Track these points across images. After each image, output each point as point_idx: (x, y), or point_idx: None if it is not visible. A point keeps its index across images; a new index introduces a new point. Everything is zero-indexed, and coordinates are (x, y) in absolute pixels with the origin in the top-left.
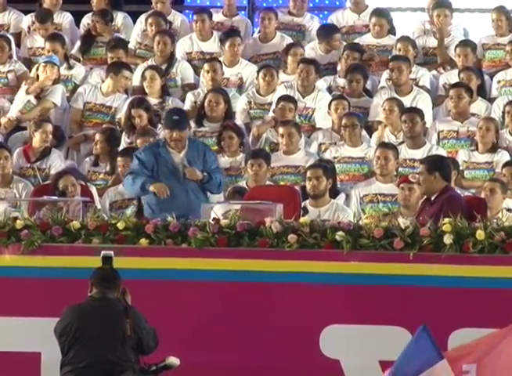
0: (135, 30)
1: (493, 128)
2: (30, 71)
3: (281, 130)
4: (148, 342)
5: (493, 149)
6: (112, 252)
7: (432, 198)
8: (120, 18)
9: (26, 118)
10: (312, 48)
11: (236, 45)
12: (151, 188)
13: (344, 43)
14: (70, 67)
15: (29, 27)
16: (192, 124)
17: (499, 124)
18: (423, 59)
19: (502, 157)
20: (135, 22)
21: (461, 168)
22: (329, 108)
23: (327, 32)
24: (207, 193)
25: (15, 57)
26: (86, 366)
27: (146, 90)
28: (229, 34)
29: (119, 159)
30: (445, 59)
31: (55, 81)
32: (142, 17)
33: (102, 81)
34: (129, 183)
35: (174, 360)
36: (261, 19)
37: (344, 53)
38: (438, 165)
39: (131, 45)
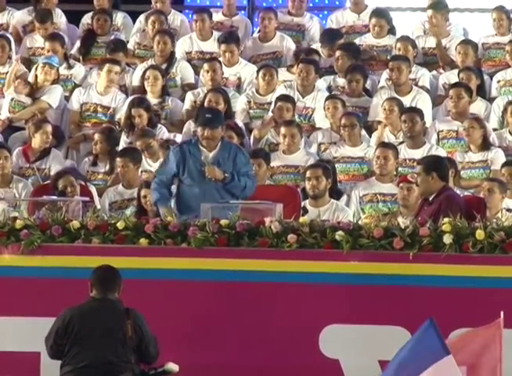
0: (134, 30)
1: (477, 126)
2: (29, 71)
3: (283, 130)
4: (148, 345)
5: (486, 147)
6: None
7: (430, 198)
8: (120, 18)
9: (18, 118)
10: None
11: (228, 52)
12: (160, 210)
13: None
14: (69, 67)
15: (23, 27)
16: (192, 123)
17: (484, 123)
18: (422, 59)
19: (495, 154)
20: (133, 22)
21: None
22: (324, 108)
23: (331, 37)
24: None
25: (14, 57)
26: (86, 366)
27: (148, 90)
28: (226, 39)
29: (118, 159)
30: (445, 61)
31: (54, 82)
32: (142, 17)
33: None
34: (152, 189)
35: (173, 366)
36: (261, 19)
37: (337, 54)
38: (435, 166)
39: (130, 45)
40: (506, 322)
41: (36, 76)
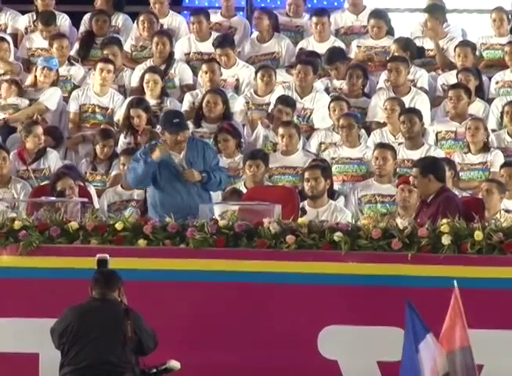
0: (131, 34)
1: (482, 127)
2: (28, 72)
3: (281, 130)
4: (148, 344)
5: (486, 149)
6: (107, 255)
7: (428, 200)
8: (121, 19)
9: (15, 119)
10: (308, 41)
11: (224, 55)
12: (154, 156)
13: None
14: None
15: (26, 28)
16: (191, 125)
17: (487, 124)
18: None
19: (495, 156)
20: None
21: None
22: (329, 109)
23: (331, 57)
24: (210, 192)
25: (12, 58)
26: (86, 366)
27: (147, 93)
28: (220, 43)
29: (121, 158)
30: (444, 63)
31: (53, 83)
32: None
33: None
34: (132, 170)
35: (175, 364)
36: (254, 19)
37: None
38: (432, 168)
39: (126, 48)
40: (506, 322)
41: (35, 77)
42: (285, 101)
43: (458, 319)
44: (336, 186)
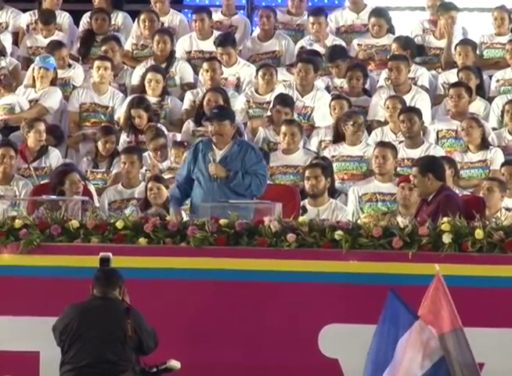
0: (132, 33)
1: (476, 125)
2: (27, 69)
3: (284, 129)
4: (148, 343)
5: (485, 146)
6: (110, 254)
7: (429, 199)
8: (120, 18)
9: (15, 120)
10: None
11: (225, 54)
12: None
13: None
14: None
15: (28, 26)
16: (191, 123)
17: (483, 122)
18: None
19: (495, 154)
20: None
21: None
22: (330, 108)
23: (332, 55)
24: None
25: (9, 56)
26: (86, 365)
27: (148, 91)
28: (221, 42)
29: (123, 156)
30: (449, 63)
31: (53, 82)
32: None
33: None
34: (171, 199)
35: (175, 364)
36: (260, 17)
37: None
38: (431, 166)
39: (127, 47)
40: (507, 321)
41: (33, 78)
42: (283, 101)
43: (445, 301)
44: (336, 184)
